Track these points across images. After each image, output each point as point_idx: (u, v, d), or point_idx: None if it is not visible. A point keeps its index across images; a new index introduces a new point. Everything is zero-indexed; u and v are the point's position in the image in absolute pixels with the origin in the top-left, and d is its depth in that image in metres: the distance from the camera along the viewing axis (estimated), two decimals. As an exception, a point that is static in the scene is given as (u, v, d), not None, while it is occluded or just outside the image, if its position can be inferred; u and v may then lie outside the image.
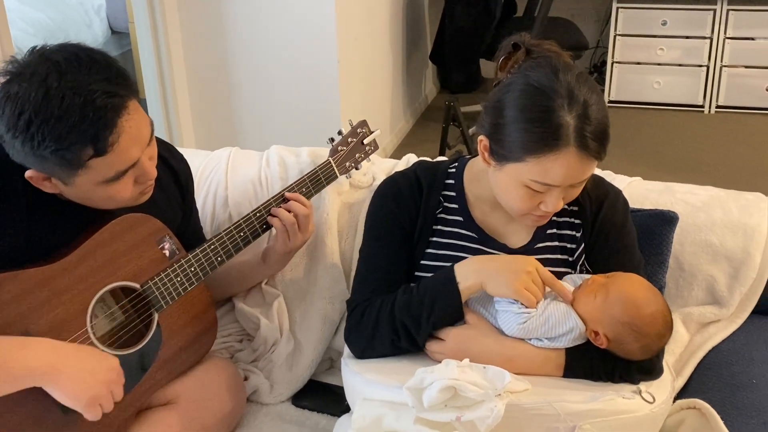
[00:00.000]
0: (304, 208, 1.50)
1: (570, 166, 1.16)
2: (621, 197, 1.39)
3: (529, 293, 1.20)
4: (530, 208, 1.24)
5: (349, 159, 1.62)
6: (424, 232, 1.35)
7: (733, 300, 1.55)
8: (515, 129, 1.17)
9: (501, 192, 1.26)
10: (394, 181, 1.39)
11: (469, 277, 1.23)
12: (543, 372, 1.22)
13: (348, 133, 1.63)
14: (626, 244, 1.35)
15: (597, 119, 1.16)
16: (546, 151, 1.15)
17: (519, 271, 1.20)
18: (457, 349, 1.23)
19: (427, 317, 1.24)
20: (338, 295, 1.63)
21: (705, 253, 1.56)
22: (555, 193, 1.21)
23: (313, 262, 1.68)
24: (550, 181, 1.18)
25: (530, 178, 1.18)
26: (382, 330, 1.27)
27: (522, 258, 1.23)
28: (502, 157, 1.21)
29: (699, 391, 1.40)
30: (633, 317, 1.20)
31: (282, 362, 1.60)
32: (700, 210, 1.59)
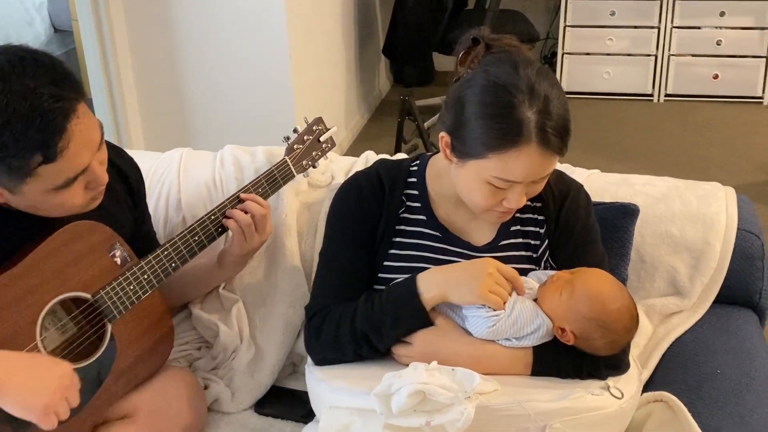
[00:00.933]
0: (261, 209, 1.46)
1: (532, 162, 1.15)
2: (583, 192, 1.38)
3: (494, 296, 1.19)
4: (493, 205, 1.23)
5: (306, 157, 1.59)
6: (387, 233, 1.33)
7: (694, 290, 1.55)
8: (476, 126, 1.16)
9: (463, 189, 1.24)
10: (356, 181, 1.37)
11: (432, 289, 1.22)
12: (511, 371, 1.21)
13: (304, 130, 1.60)
14: (590, 238, 1.35)
15: (558, 114, 1.15)
16: (508, 148, 1.14)
17: (480, 276, 1.19)
18: (424, 352, 1.21)
19: (390, 329, 1.23)
20: (299, 299, 1.59)
21: (665, 245, 1.57)
22: (517, 190, 1.20)
23: (273, 265, 1.64)
24: (513, 177, 1.17)
25: (492, 175, 1.17)
26: (344, 340, 1.25)
27: (480, 261, 1.22)
28: (464, 154, 1.19)
29: (665, 383, 1.40)
30: (599, 313, 1.19)
31: (243, 369, 1.57)
32: (659, 201, 1.60)
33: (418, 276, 1.23)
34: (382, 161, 1.41)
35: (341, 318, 1.26)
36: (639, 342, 1.52)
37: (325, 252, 1.36)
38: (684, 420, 1.25)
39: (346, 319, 1.26)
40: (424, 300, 1.21)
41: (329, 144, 1.64)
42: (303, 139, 1.59)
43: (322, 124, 1.63)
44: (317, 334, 1.29)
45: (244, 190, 1.49)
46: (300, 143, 1.58)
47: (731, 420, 1.26)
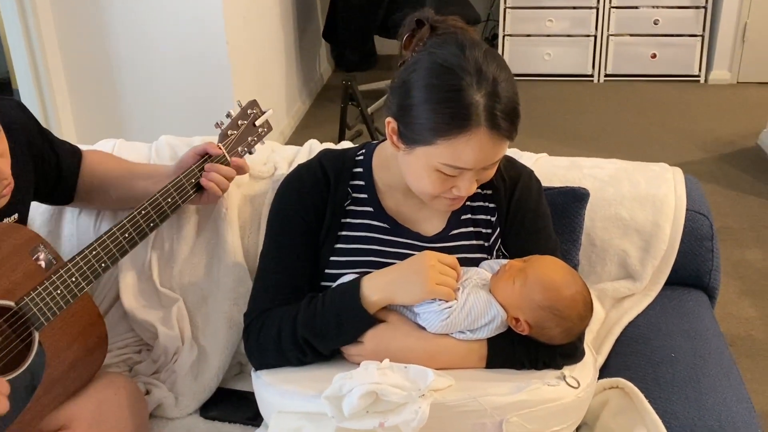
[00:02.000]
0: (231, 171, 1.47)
1: (482, 147, 1.12)
2: (534, 177, 1.36)
3: (442, 287, 1.16)
4: (442, 193, 1.19)
5: (241, 143, 1.53)
6: (332, 227, 1.28)
7: (645, 273, 1.55)
8: (423, 110, 1.12)
9: (411, 177, 1.20)
10: (297, 175, 1.32)
11: (376, 292, 1.17)
12: (466, 365, 1.19)
13: (237, 115, 1.54)
14: (542, 225, 1.33)
15: (507, 97, 1.11)
16: (456, 133, 1.10)
17: (423, 270, 1.16)
18: (376, 349, 1.17)
19: (335, 337, 1.19)
20: (243, 296, 1.53)
21: (616, 228, 1.56)
22: (468, 177, 1.16)
23: (214, 262, 1.59)
24: (462, 164, 1.13)
25: (441, 162, 1.13)
26: (286, 347, 1.20)
27: (418, 257, 1.18)
28: (412, 141, 1.15)
29: (620, 369, 1.39)
30: (553, 301, 1.17)
31: (186, 372, 1.51)
32: (608, 184, 1.59)
33: (362, 280, 1.19)
34: (325, 152, 1.36)
35: (281, 324, 1.21)
36: (592, 327, 1.51)
37: (265, 252, 1.31)
38: (641, 406, 1.24)
39: (286, 326, 1.21)
40: (368, 305, 1.17)
41: (265, 128, 1.58)
42: (237, 124, 1.53)
43: (256, 107, 1.57)
44: (256, 341, 1.24)
45: (177, 181, 1.43)
46: (234, 129, 1.52)
47: (687, 404, 1.25)
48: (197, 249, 1.58)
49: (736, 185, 3.49)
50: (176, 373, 1.51)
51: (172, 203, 1.43)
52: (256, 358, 1.24)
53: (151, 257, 1.58)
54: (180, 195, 1.44)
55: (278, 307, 1.24)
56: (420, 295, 1.16)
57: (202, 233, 1.60)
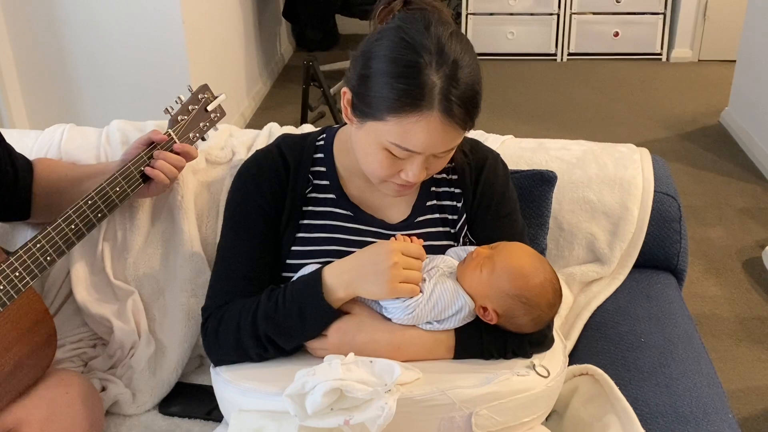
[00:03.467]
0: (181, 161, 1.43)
1: (431, 132, 1.08)
2: (500, 161, 1.33)
3: (405, 285, 1.12)
4: (390, 175, 1.16)
5: (193, 129, 1.48)
6: (293, 216, 1.24)
7: (614, 256, 1.54)
8: (379, 83, 1.08)
9: (360, 154, 1.17)
10: (255, 162, 1.27)
11: (338, 289, 1.14)
12: (434, 356, 1.16)
13: (188, 100, 1.50)
14: (509, 210, 1.30)
15: (466, 83, 1.07)
16: (407, 111, 1.06)
17: (385, 269, 1.11)
18: (340, 342, 1.14)
19: (298, 333, 1.15)
20: (201, 287, 1.49)
21: (583, 211, 1.55)
22: (416, 162, 1.13)
23: (171, 252, 1.54)
24: (411, 146, 1.10)
25: (390, 141, 1.10)
26: (246, 344, 1.16)
27: (380, 251, 1.13)
28: (364, 114, 1.12)
29: (589, 354, 1.38)
30: (521, 289, 1.15)
31: (143, 367, 1.47)
32: (575, 166, 1.57)
33: (324, 274, 1.15)
34: (284, 137, 1.31)
35: (241, 319, 1.17)
36: (561, 312, 1.49)
37: (222, 244, 1.26)
38: (611, 393, 1.23)
39: (246, 321, 1.16)
40: (333, 301, 1.14)
41: (218, 113, 1.54)
42: (187, 110, 1.49)
43: (208, 92, 1.52)
44: (215, 337, 1.19)
45: (124, 168, 1.38)
46: (184, 114, 1.48)
47: (658, 390, 1.24)
48: (152, 239, 1.54)
49: (699, 163, 3.51)
50: (133, 369, 1.47)
51: (121, 192, 1.38)
52: (215, 354, 1.20)
53: (103, 248, 1.53)
54: (128, 183, 1.39)
55: (237, 300, 1.20)
56: (383, 295, 1.13)
57: (157, 222, 1.55)
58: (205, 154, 1.58)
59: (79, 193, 1.39)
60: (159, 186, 1.44)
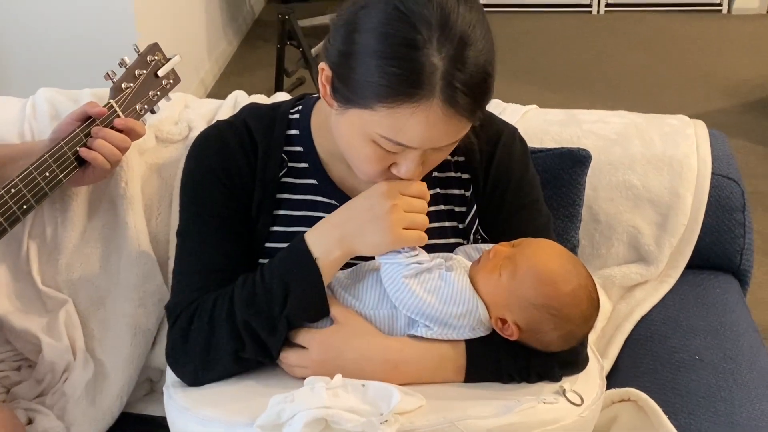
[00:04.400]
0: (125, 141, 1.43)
1: (431, 125, 1.08)
2: (518, 137, 1.34)
3: (411, 232, 1.16)
4: (379, 172, 1.16)
5: (140, 99, 1.50)
6: (265, 205, 1.25)
7: (662, 254, 1.55)
8: (366, 64, 1.08)
9: (343, 144, 1.18)
10: (216, 133, 1.28)
11: (332, 249, 1.17)
12: (440, 378, 1.17)
13: (134, 63, 1.50)
14: (530, 198, 1.31)
15: (475, 65, 1.07)
16: (401, 101, 1.06)
17: (384, 213, 1.15)
18: (324, 360, 1.15)
19: (280, 310, 1.16)
20: (152, 294, 1.51)
21: (624, 199, 1.56)
22: (411, 156, 1.13)
23: (112, 251, 1.55)
24: (405, 141, 1.10)
25: (379, 133, 1.10)
26: (221, 339, 1.17)
27: (375, 191, 1.17)
28: (346, 99, 1.12)
29: (631, 377, 1.39)
30: (549, 297, 1.15)
31: (80, 394, 1.47)
32: (614, 143, 1.58)
33: (306, 237, 1.17)
34: (251, 108, 1.32)
35: (215, 308, 1.19)
36: (597, 324, 1.48)
37: (183, 231, 1.28)
38: (658, 423, 1.24)
39: (221, 309, 1.18)
40: (325, 267, 1.16)
41: (171, 79, 1.55)
42: (133, 75, 1.49)
43: (159, 53, 1.53)
44: (184, 336, 1.20)
45: (52, 150, 1.38)
46: (129, 81, 1.49)
47: (717, 419, 1.26)
48: (89, 236, 1.54)
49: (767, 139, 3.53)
50: (67, 396, 1.48)
51: (51, 179, 1.39)
52: (179, 362, 1.21)
53: (29, 248, 1.54)
54: (60, 168, 1.39)
55: (209, 294, 1.21)
56: (385, 247, 1.16)
57: (96, 215, 1.55)
58: (155, 130, 1.58)
59: (2, 179, 1.40)
60: (98, 171, 1.44)
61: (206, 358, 1.19)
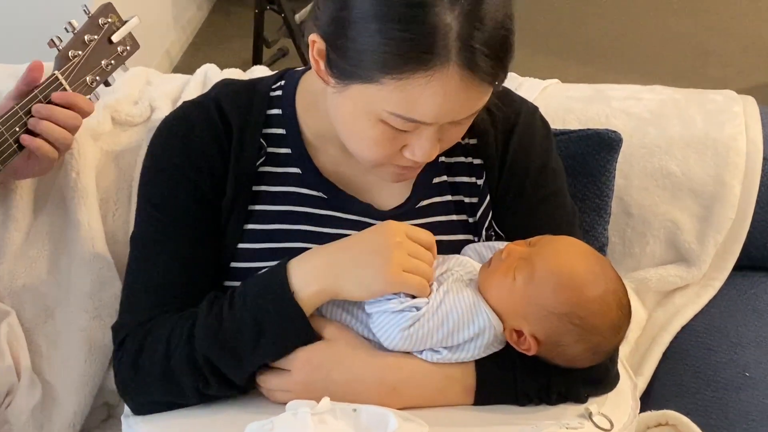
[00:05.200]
0: None
1: (448, 96, 1.09)
2: (539, 117, 1.36)
3: (413, 276, 1.15)
4: (389, 156, 1.17)
5: (91, 70, 1.50)
6: (240, 199, 1.26)
7: (705, 254, 1.56)
8: (366, 30, 1.08)
9: (343, 126, 1.19)
10: (182, 117, 1.29)
11: (311, 282, 1.16)
12: (445, 401, 1.19)
13: (83, 27, 1.50)
14: (552, 189, 1.33)
15: (494, 21, 1.08)
16: (412, 69, 1.07)
17: (385, 250, 1.15)
18: (309, 381, 1.16)
19: (251, 351, 1.16)
20: (109, 304, 1.52)
21: (661, 188, 1.57)
22: (426, 134, 1.14)
23: (62, 255, 1.56)
24: (419, 116, 1.10)
25: (388, 110, 1.11)
26: (179, 373, 1.18)
27: (380, 228, 1.18)
28: (346, 73, 1.12)
29: (670, 396, 1.41)
30: (573, 305, 1.16)
31: (25, 420, 1.48)
32: (649, 123, 1.59)
33: (289, 264, 1.17)
34: (225, 84, 1.33)
35: (172, 337, 1.19)
36: (629, 336, 1.51)
37: (139, 235, 1.29)
38: (701, 451, 1.27)
39: (180, 339, 1.18)
40: (302, 300, 1.16)
41: (128, 46, 1.55)
42: (83, 42, 1.49)
43: (113, 14, 1.53)
44: (133, 366, 1.21)
45: None
46: (78, 48, 1.48)
47: (770, 448, 1.28)
48: (35, 237, 1.54)
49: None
50: (10, 424, 1.48)
51: None
52: (133, 394, 1.22)
53: (-36, 251, 1.55)
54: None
55: (167, 315, 1.22)
56: (377, 287, 1.15)
57: (42, 212, 1.56)
58: (112, 111, 1.58)
59: None
60: (44, 160, 1.44)
61: (163, 393, 1.20)
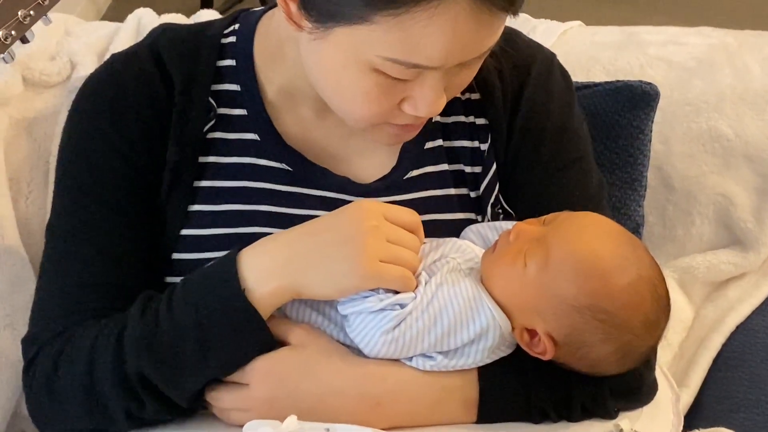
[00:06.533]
0: None
1: (457, 31, 1.10)
2: (557, 66, 1.37)
3: (394, 267, 1.16)
4: (385, 113, 1.18)
5: (5, 24, 1.50)
6: (183, 174, 1.27)
7: (765, 235, 1.58)
8: None
9: (326, 83, 1.21)
10: (109, 75, 1.31)
11: (268, 278, 1.17)
12: (441, 417, 1.21)
13: None
14: (574, 155, 1.34)
15: None
16: (410, 3, 1.08)
17: (356, 235, 1.16)
18: (273, 397, 1.18)
19: (196, 363, 1.17)
20: (23, 309, 1.49)
21: (709, 154, 1.58)
22: (430, 83, 1.15)
23: None
24: (423, 59, 1.11)
25: (384, 55, 1.12)
26: (107, 395, 1.19)
27: (349, 210, 1.20)
28: (326, 14, 1.13)
29: (722, 411, 1.42)
30: (598, 296, 1.17)
31: None
32: (693, 74, 1.60)
33: (241, 255, 1.18)
34: (164, 30, 1.34)
35: (95, 349, 1.20)
36: (671, 338, 1.53)
37: (57, 224, 1.30)
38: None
39: (105, 352, 1.19)
40: (257, 299, 1.16)
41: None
42: None
43: None
44: (48, 387, 1.22)
45: None
46: None
47: None
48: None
49: None
50: None
51: None
52: (48, 422, 1.24)
53: None
54: None
55: (88, 324, 1.22)
56: (351, 282, 1.16)
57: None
58: (23, 68, 1.60)
59: None
60: None
61: (86, 419, 1.21)
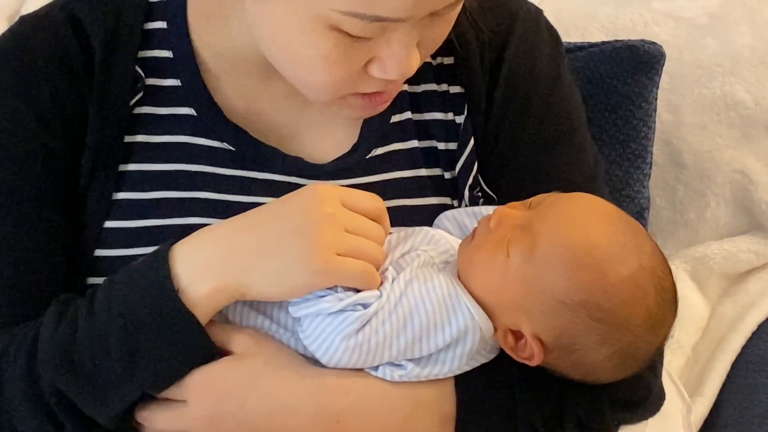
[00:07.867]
0: None
1: None
2: (544, 25, 1.38)
3: (354, 261, 1.17)
4: (349, 79, 1.18)
5: None
6: (106, 156, 1.28)
7: None
8: None
9: (277, 48, 1.21)
10: (18, 40, 1.31)
11: (205, 277, 1.17)
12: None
13: None
14: (565, 127, 1.35)
15: None
16: None
17: (308, 224, 1.17)
18: (213, 416, 1.18)
19: (123, 377, 1.17)
20: None
21: (725, 125, 1.60)
22: (398, 38, 1.15)
23: None
24: (388, 11, 1.10)
25: (340, 9, 1.10)
26: (19, 412, 1.20)
27: (300, 196, 1.20)
28: None
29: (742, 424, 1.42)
30: (593, 290, 1.17)
31: None
32: (705, 33, 1.62)
33: (173, 250, 1.18)
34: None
35: (2, 362, 1.21)
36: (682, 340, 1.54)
37: None
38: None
39: (14, 365, 1.20)
40: (193, 302, 1.16)
41: None
42: None
43: None
44: None
45: None
46: None
47: None
48: None
49: None
50: None
51: None
52: None
53: None
54: None
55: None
56: (302, 279, 1.16)
57: None
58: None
59: None
60: None
61: None
